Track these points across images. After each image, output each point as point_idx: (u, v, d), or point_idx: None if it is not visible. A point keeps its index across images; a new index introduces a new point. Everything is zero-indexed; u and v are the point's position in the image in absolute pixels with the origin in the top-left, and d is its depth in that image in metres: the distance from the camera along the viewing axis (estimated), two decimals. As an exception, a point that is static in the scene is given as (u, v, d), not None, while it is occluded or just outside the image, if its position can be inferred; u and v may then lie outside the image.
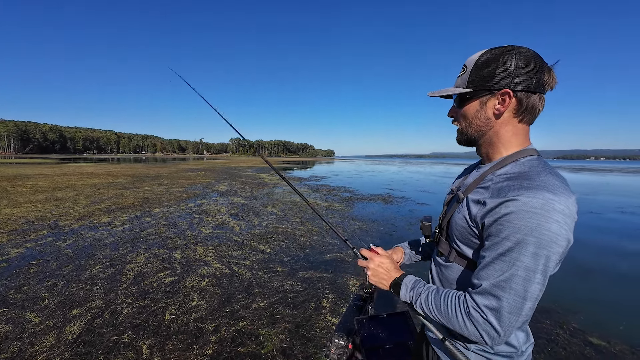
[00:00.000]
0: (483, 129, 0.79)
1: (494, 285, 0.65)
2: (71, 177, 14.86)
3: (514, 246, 0.62)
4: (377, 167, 39.30)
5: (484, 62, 0.74)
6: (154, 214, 6.82)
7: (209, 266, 3.85)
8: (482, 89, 0.75)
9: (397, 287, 0.85)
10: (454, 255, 0.82)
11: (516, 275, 0.62)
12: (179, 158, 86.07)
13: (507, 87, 0.72)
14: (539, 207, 0.61)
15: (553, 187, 0.63)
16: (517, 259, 0.62)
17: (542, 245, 0.61)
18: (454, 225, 0.80)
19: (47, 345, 2.27)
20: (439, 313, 0.74)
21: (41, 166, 25.45)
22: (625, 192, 13.99)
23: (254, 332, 2.51)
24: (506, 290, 0.63)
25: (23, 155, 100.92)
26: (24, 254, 4.12)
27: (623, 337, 2.60)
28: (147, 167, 25.86)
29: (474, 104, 0.78)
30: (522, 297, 0.63)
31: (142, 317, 2.67)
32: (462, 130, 0.84)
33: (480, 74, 0.74)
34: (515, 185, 0.66)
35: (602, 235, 6.02)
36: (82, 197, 9.03)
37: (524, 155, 0.75)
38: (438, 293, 0.76)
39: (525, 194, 0.62)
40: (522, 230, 0.61)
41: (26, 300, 2.90)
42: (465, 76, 0.78)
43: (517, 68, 0.71)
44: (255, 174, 20.37)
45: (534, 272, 0.62)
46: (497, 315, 0.64)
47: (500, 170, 0.75)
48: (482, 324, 0.66)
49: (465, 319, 0.68)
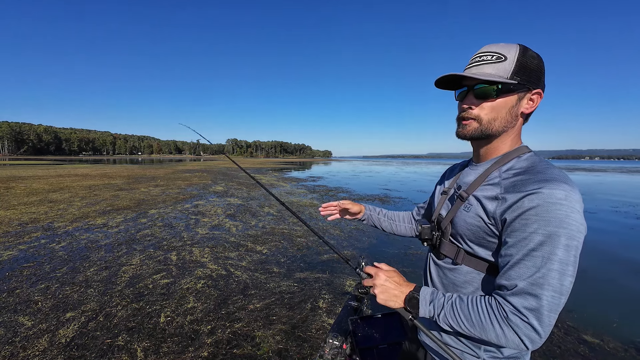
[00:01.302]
0: (508, 125, 0.75)
1: (531, 283, 0.61)
2: (66, 179, 14.73)
3: (546, 240, 0.60)
4: (374, 167, 39.38)
5: (528, 57, 0.71)
6: (150, 216, 6.78)
7: (205, 267, 3.83)
8: (525, 85, 0.71)
9: (413, 301, 0.75)
10: (463, 257, 0.78)
11: (552, 270, 0.60)
12: (176, 159, 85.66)
13: (541, 88, 0.73)
14: (563, 198, 0.60)
15: (566, 179, 0.63)
16: (552, 253, 0.60)
17: (572, 236, 0.60)
18: (464, 225, 0.76)
19: (40, 349, 2.24)
20: (470, 325, 0.67)
21: (36, 168, 25.20)
22: (619, 192, 14.14)
23: (249, 334, 2.50)
24: (544, 288, 0.60)
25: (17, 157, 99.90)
26: (17, 257, 4.07)
27: (616, 334, 2.62)
28: (143, 169, 25.70)
29: (512, 98, 0.72)
30: (560, 293, 0.60)
31: (137, 320, 2.65)
32: (483, 124, 0.75)
33: (527, 68, 0.70)
34: (531, 178, 0.65)
35: (596, 235, 6.08)
36: (77, 198, 8.95)
37: (523, 152, 0.75)
38: (463, 301, 0.70)
39: (548, 186, 0.62)
40: (553, 222, 0.60)
41: (18, 304, 2.86)
42: (505, 66, 0.70)
43: (543, 70, 0.73)
44: (252, 175, 20.31)
45: (567, 265, 0.60)
46: (537, 316, 0.60)
47: (505, 167, 0.74)
48: (522, 329, 0.61)
49: (503, 326, 0.63)
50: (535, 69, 0.71)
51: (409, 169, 34.00)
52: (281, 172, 25.23)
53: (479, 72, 0.73)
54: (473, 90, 0.75)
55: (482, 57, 0.74)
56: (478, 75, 0.72)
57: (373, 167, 40.65)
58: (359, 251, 4.58)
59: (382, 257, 4.37)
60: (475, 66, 0.74)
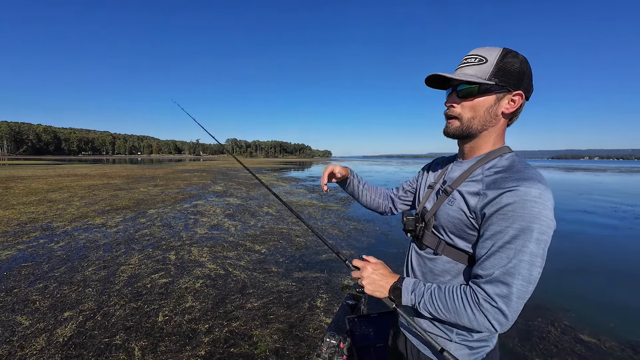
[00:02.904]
0: (487, 124, 0.79)
1: (503, 273, 0.67)
2: (65, 179, 14.71)
3: (520, 233, 0.65)
4: (374, 167, 39.40)
5: (509, 60, 0.74)
6: (149, 215, 6.78)
7: (203, 267, 3.84)
8: (503, 86, 0.75)
9: (396, 291, 0.83)
10: (443, 248, 0.83)
11: (523, 261, 0.65)
12: (175, 159, 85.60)
13: (522, 90, 0.76)
14: (537, 196, 0.65)
15: (541, 179, 0.68)
16: (524, 245, 0.65)
17: (543, 231, 0.65)
18: (446, 218, 0.81)
19: (37, 348, 2.24)
20: (447, 311, 0.74)
21: (35, 168, 25.17)
22: (618, 191, 14.15)
23: (247, 333, 2.50)
24: (515, 277, 0.66)
25: (16, 157, 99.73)
26: (15, 256, 4.07)
27: (613, 334, 2.63)
28: (142, 168, 25.68)
29: (490, 98, 0.77)
30: (528, 282, 0.66)
31: (135, 319, 2.65)
32: (463, 122, 0.81)
33: (506, 70, 0.74)
34: (511, 177, 0.70)
35: (595, 234, 6.09)
36: (76, 198, 8.95)
37: (505, 152, 0.80)
38: (441, 290, 0.76)
39: (524, 185, 0.66)
40: (527, 218, 0.65)
41: (16, 303, 2.86)
42: (485, 68, 0.75)
43: (529, 74, 0.76)
44: (251, 175, 20.29)
45: (537, 257, 0.66)
46: (507, 302, 0.66)
47: (488, 165, 0.79)
48: (492, 313, 0.67)
49: (474, 311, 0.69)
50: (516, 71, 0.74)
51: (409, 169, 34.02)
52: (280, 172, 25.23)
53: (461, 73, 0.78)
54: (456, 90, 0.80)
55: (468, 60, 0.79)
56: (456, 75, 0.77)
57: (373, 167, 40.68)
58: (357, 251, 4.58)
59: (381, 257, 4.37)
60: (461, 68, 0.80)
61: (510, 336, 2.57)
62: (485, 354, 0.83)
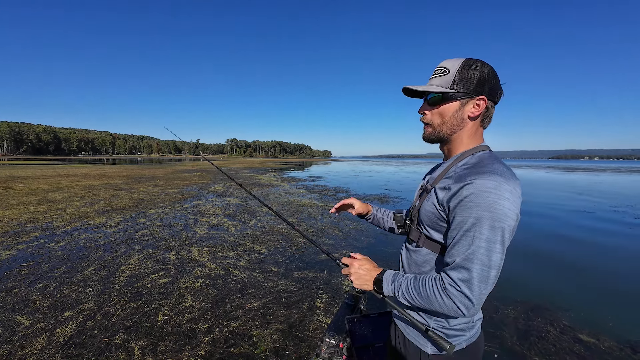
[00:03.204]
0: (456, 128, 0.88)
1: (464, 259, 0.73)
2: (65, 179, 14.72)
3: (475, 222, 0.72)
4: (374, 167, 39.39)
5: (467, 68, 0.83)
6: (149, 215, 6.79)
7: (203, 267, 3.84)
8: (464, 93, 0.83)
9: (379, 283, 0.91)
10: (423, 240, 0.91)
11: (481, 247, 0.72)
12: (175, 159, 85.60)
13: (484, 94, 0.83)
14: (492, 187, 0.72)
15: (502, 172, 0.74)
16: (480, 232, 0.72)
17: (497, 219, 0.71)
18: (424, 213, 0.89)
19: (38, 347, 2.25)
20: (420, 298, 0.80)
21: (35, 168, 25.17)
22: (618, 191, 14.16)
23: (247, 333, 2.51)
24: (474, 262, 0.72)
25: (16, 157, 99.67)
26: (15, 256, 4.08)
27: (612, 334, 2.64)
28: (142, 168, 25.69)
29: (454, 105, 0.86)
30: (488, 266, 0.72)
31: (135, 319, 2.66)
32: (435, 128, 0.91)
33: (465, 78, 0.83)
34: (473, 171, 0.77)
35: (594, 234, 6.10)
36: (76, 198, 8.95)
37: (478, 150, 0.87)
38: (416, 280, 0.83)
39: (481, 177, 0.73)
40: (482, 207, 0.71)
41: (17, 303, 2.87)
42: (447, 78, 0.84)
43: (491, 80, 0.83)
44: (251, 175, 20.33)
45: (494, 243, 0.71)
46: (469, 286, 0.72)
47: (461, 162, 0.86)
48: (457, 296, 0.73)
49: (443, 296, 0.75)
50: (476, 79, 0.82)
51: (409, 169, 34.01)
52: (280, 172, 25.23)
53: (430, 83, 0.88)
54: (426, 99, 0.91)
55: (436, 72, 0.88)
56: (422, 87, 0.88)
57: (373, 167, 40.67)
58: (357, 251, 4.58)
59: (381, 257, 4.39)
60: (431, 79, 0.89)
61: (508, 335, 2.58)
62: (464, 343, 0.88)
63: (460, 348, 0.88)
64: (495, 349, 2.40)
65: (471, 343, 0.89)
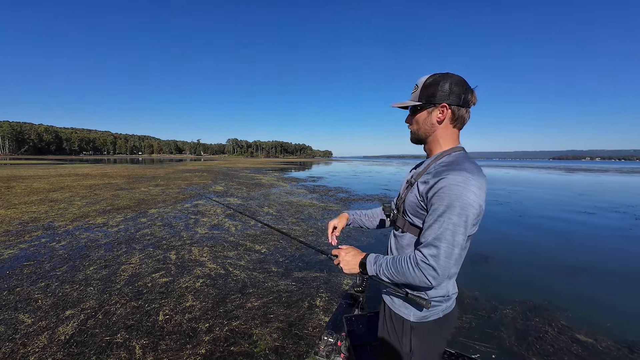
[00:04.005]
0: (429, 131, 1.07)
1: (434, 238, 0.90)
2: (67, 179, 14.77)
3: (446, 209, 0.89)
4: (374, 167, 39.39)
5: (429, 84, 1.02)
6: (150, 215, 6.82)
7: (203, 267, 3.87)
8: (429, 103, 1.02)
9: (363, 266, 1.07)
10: (407, 226, 1.07)
11: (448, 230, 0.88)
12: (176, 159, 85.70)
13: (445, 102, 1.00)
14: (461, 181, 0.88)
15: (470, 170, 0.91)
16: (449, 218, 0.88)
17: (463, 207, 0.88)
18: (408, 203, 1.05)
19: (40, 345, 2.27)
20: (397, 273, 0.97)
21: (36, 167, 25.26)
22: (620, 192, 14.14)
23: (247, 332, 2.53)
24: (442, 240, 0.89)
25: (18, 157, 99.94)
26: (17, 255, 4.11)
27: (610, 334, 2.65)
28: (143, 168, 25.75)
29: (424, 113, 1.06)
30: (452, 245, 0.88)
31: (136, 318, 2.68)
32: (414, 132, 1.11)
33: (427, 92, 1.02)
34: (447, 168, 0.94)
35: (593, 234, 6.10)
36: (77, 198, 8.99)
37: (454, 151, 1.03)
38: (394, 259, 0.99)
39: (452, 173, 0.90)
40: (451, 197, 0.88)
41: (19, 302, 2.90)
42: (417, 93, 1.05)
43: (451, 89, 0.99)
44: (252, 175, 20.36)
45: (458, 227, 0.88)
46: (436, 260, 0.88)
47: (439, 161, 1.02)
48: (426, 269, 0.90)
49: (415, 269, 0.92)
50: (438, 91, 0.99)
51: (409, 169, 33.95)
52: (281, 172, 25.26)
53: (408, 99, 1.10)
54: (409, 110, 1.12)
55: (413, 88, 1.08)
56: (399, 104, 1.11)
57: (373, 167, 40.67)
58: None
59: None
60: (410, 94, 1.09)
61: (506, 336, 2.59)
62: (440, 313, 1.04)
63: (437, 317, 1.03)
64: (493, 350, 2.42)
65: (447, 313, 1.05)
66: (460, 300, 3.19)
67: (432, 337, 1.05)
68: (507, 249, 5.07)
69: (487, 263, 4.35)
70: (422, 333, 1.04)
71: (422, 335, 1.04)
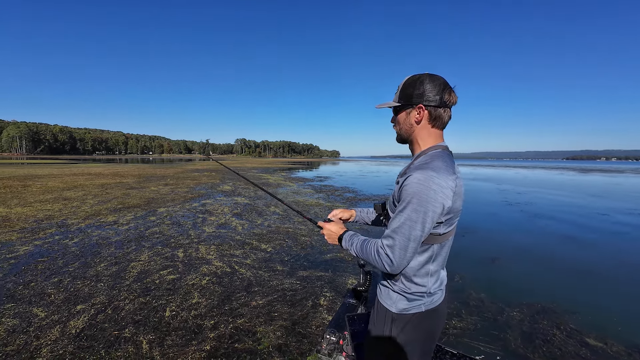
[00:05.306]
0: (409, 131, 1.10)
1: (392, 230, 0.96)
2: (80, 178, 15.17)
3: (406, 205, 0.94)
4: (382, 167, 39.17)
5: (407, 85, 1.05)
6: (159, 214, 6.95)
7: (210, 265, 3.93)
8: (407, 104, 1.06)
9: (340, 240, 1.18)
10: None
11: (404, 224, 0.94)
12: (185, 159, 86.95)
13: (421, 103, 1.03)
14: (422, 179, 0.92)
15: (436, 168, 0.94)
16: (407, 213, 0.94)
17: (421, 204, 0.92)
18: (390, 201, 1.13)
19: (52, 338, 2.35)
20: (362, 254, 1.06)
21: (51, 167, 26.01)
22: (635, 194, 13.70)
23: (251, 329, 2.56)
24: (398, 233, 0.95)
25: (34, 156, 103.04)
26: (32, 252, 4.25)
27: (620, 338, 2.58)
28: (153, 168, 26.22)
29: (404, 114, 1.10)
30: (407, 238, 0.94)
31: (144, 314, 2.74)
32: (398, 132, 1.15)
33: (405, 93, 1.06)
34: (416, 167, 0.98)
35: (605, 237, 5.94)
36: (89, 196, 9.23)
37: (431, 150, 1.05)
38: (364, 242, 1.08)
39: (416, 172, 0.95)
40: (411, 194, 0.93)
41: (33, 296, 3.00)
42: (397, 94, 1.10)
43: (427, 90, 1.02)
44: (260, 175, 20.51)
45: (415, 222, 0.93)
46: (392, 250, 0.96)
47: (417, 161, 1.04)
48: (384, 257, 0.97)
49: (376, 255, 1.00)
50: (414, 92, 1.03)
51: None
52: (289, 171, 25.37)
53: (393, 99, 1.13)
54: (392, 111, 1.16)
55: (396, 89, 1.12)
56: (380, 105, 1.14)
57: (381, 167, 40.44)
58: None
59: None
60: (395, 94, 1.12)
61: (512, 338, 2.56)
62: (423, 307, 1.07)
63: (419, 311, 1.07)
64: (497, 351, 2.38)
65: (430, 308, 1.08)
66: (465, 301, 3.15)
67: (414, 329, 1.08)
68: (516, 250, 4.98)
69: (494, 264, 4.29)
70: (402, 325, 1.08)
71: (402, 326, 1.08)
